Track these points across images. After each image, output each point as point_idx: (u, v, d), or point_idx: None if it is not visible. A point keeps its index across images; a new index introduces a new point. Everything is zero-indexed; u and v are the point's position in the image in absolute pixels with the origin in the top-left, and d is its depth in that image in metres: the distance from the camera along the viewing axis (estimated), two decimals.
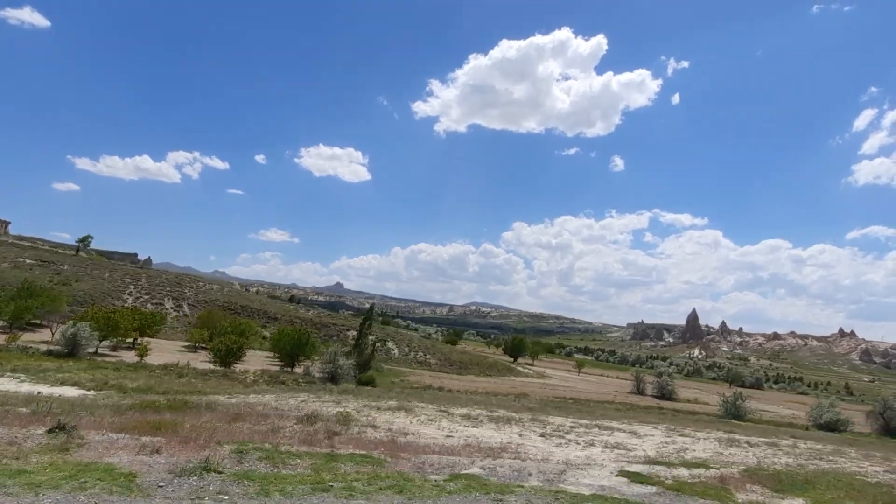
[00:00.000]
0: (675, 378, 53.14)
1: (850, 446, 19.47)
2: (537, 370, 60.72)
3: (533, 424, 15.38)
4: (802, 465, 12.15)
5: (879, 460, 14.45)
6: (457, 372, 49.39)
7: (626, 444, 13.53)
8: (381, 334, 52.41)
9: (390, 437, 11.33)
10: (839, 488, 8.88)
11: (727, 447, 14.22)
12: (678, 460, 11.38)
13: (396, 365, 48.61)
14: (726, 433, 18.06)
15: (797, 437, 21.22)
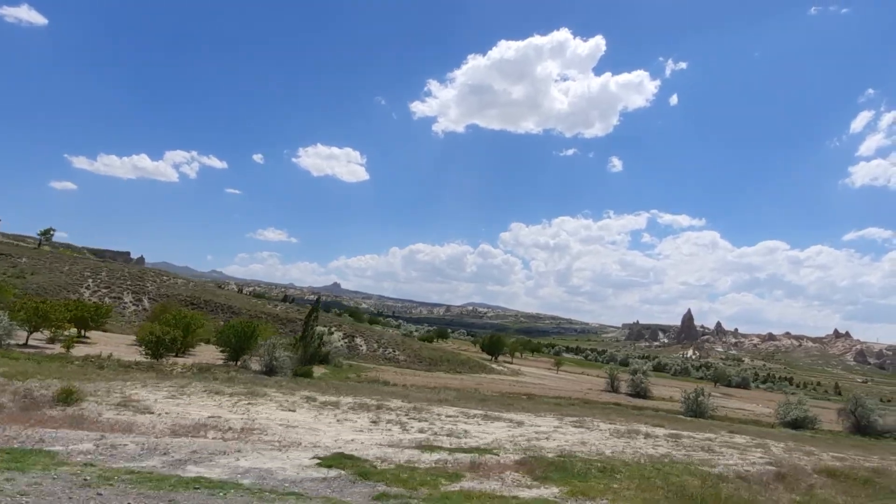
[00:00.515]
0: (653, 376, 52.09)
1: (791, 441, 18.52)
2: (514, 368, 59.70)
3: (383, 412, 14.44)
4: (652, 455, 11.13)
5: (781, 453, 13.52)
6: (425, 369, 48.39)
7: (460, 430, 12.65)
8: (351, 330, 51.38)
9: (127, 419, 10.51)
10: (636, 478, 7.92)
11: (611, 438, 13.34)
12: (475, 446, 10.45)
13: (364, 361, 47.62)
14: (655, 426, 17.07)
15: (737, 432, 20.28)
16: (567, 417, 16.96)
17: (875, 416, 38.53)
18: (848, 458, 15.33)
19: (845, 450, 19.25)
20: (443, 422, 13.63)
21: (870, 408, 39.22)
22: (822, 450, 16.66)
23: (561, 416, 17.16)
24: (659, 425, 17.77)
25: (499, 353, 67.12)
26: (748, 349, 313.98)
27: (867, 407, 39.29)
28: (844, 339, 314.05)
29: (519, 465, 8.47)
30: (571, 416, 17.37)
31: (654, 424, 18.09)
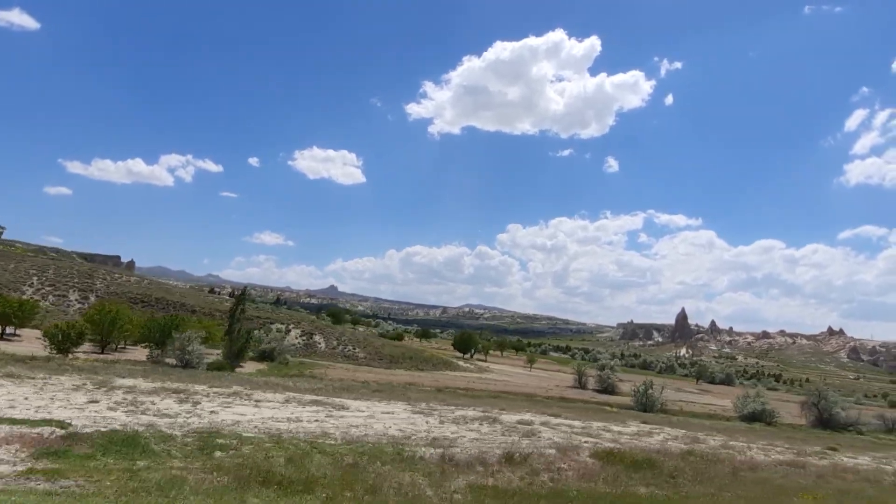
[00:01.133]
0: (634, 373, 50.92)
1: (708, 432, 17.35)
2: (482, 365, 58.50)
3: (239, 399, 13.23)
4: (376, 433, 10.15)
5: (629, 440, 12.40)
6: (384, 366, 47.23)
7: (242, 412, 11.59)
8: (309, 327, 50.14)
9: None
10: (239, 456, 6.87)
11: (443, 424, 12.20)
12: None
13: (320, 358, 46.49)
14: (551, 415, 15.89)
15: (660, 424, 19.12)
16: (440, 406, 15.74)
17: (838, 409, 37.47)
18: (706, 441, 14.20)
19: (759, 439, 18.10)
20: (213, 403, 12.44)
21: (832, 401, 38.17)
22: (724, 438, 15.55)
23: (430, 407, 15.87)
24: (555, 415, 16.55)
25: (470, 351, 65.92)
26: (742, 347, 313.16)
27: (830, 400, 38.23)
28: (838, 336, 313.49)
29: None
30: (446, 406, 16.13)
31: (551, 414, 16.87)
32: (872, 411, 46.89)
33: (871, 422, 41.42)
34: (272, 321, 49.18)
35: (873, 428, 40.60)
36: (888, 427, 40.39)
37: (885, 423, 40.64)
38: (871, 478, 10.57)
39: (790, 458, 11.79)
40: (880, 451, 20.31)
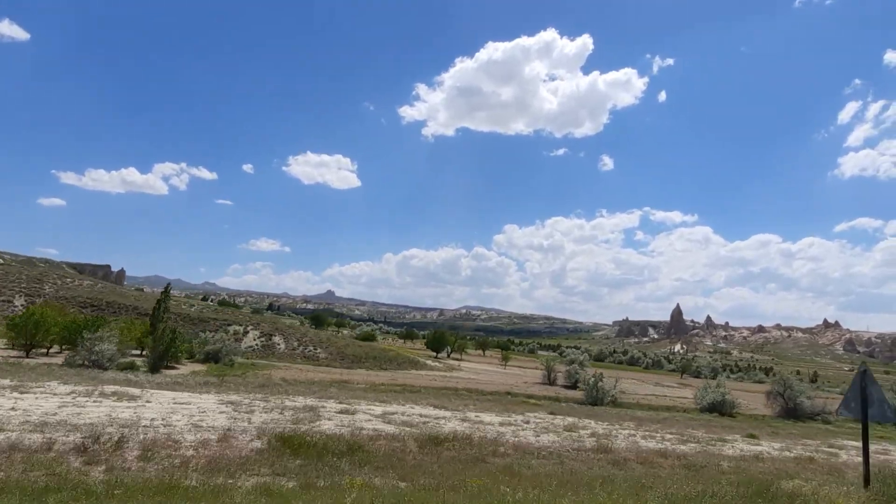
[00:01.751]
0: (612, 369, 49.69)
1: (637, 423, 16.16)
2: (452, 364, 57.29)
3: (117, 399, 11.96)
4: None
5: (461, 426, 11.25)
6: (346, 366, 46.00)
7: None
8: (269, 328, 48.90)
9: None
10: None
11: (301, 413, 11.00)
12: None
13: (279, 359, 45.25)
14: (435, 407, 14.65)
15: (596, 417, 17.95)
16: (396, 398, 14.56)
17: (803, 398, 36.32)
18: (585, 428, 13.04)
19: (686, 429, 16.94)
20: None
21: (798, 390, 37.05)
22: (632, 428, 14.37)
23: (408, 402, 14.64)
24: (453, 408, 15.38)
25: (444, 350, 64.78)
26: (738, 342, 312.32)
27: (795, 389, 37.12)
28: (834, 328, 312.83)
29: None
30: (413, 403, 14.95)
31: (453, 408, 15.73)
32: None
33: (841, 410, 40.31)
34: (230, 322, 47.91)
35: (842, 417, 39.54)
36: None
37: None
38: (691, 464, 9.41)
39: (601, 445, 10.53)
40: (814, 439, 19.16)
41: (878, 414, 8.00)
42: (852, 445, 17.03)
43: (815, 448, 15.50)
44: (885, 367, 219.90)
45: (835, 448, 16.22)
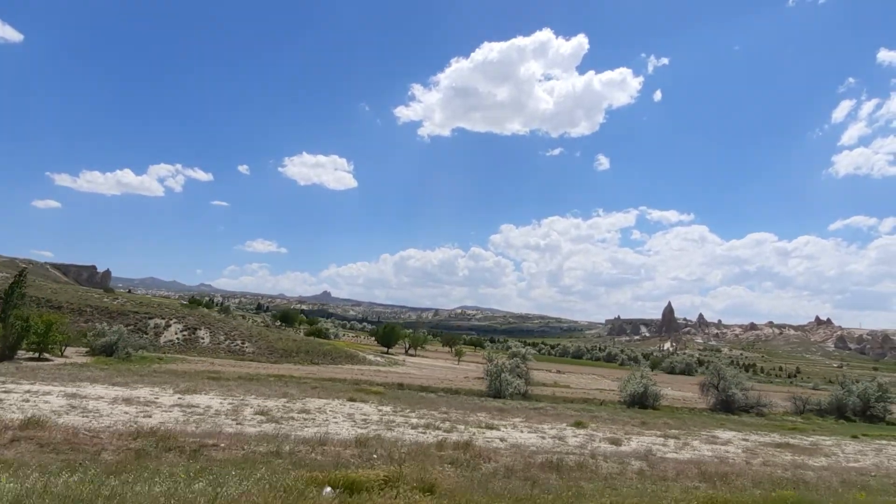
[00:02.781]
0: (529, 359, 47.45)
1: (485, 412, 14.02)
2: (397, 359, 55.22)
3: None
4: None
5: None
6: (273, 360, 43.96)
7: None
8: (195, 322, 46.71)
9: None
10: None
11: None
12: None
13: (201, 354, 43.17)
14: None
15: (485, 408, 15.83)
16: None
17: (735, 389, 34.20)
18: None
19: (472, 415, 14.77)
20: None
21: (730, 381, 34.92)
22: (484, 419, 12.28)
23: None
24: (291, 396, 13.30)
25: (394, 345, 62.76)
26: (730, 340, 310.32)
27: (728, 380, 35.00)
28: (826, 326, 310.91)
29: None
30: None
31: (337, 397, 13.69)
32: (825, 395, 43.39)
33: (777, 403, 38.24)
34: (151, 316, 45.72)
35: (782, 409, 37.45)
36: (798, 409, 37.22)
37: (797, 406, 37.48)
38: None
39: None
40: (678, 429, 17.03)
41: None
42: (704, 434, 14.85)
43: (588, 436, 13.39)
44: (874, 364, 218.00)
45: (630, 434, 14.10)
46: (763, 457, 12.81)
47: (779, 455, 13.35)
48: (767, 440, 16.55)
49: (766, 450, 14.28)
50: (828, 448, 15.75)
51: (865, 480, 9.71)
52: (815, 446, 15.91)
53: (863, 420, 38.09)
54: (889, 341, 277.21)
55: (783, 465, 11.57)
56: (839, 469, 11.50)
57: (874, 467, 12.30)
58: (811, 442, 17.55)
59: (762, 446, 14.90)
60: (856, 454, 14.81)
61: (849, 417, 38.09)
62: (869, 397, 38.01)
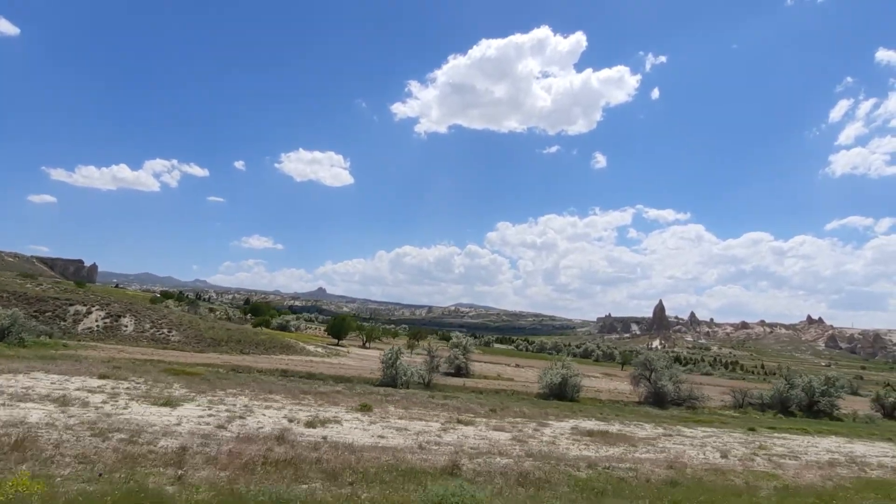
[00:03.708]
0: (471, 352, 45.51)
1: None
2: (342, 351, 53.30)
3: None
4: None
5: None
6: (199, 349, 41.96)
7: None
8: (120, 309, 44.63)
9: None
10: None
11: None
12: None
13: (122, 342, 41.15)
14: None
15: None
16: None
17: (665, 381, 32.24)
18: None
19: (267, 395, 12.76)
20: None
21: (661, 373, 32.96)
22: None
23: None
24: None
25: (344, 337, 60.82)
26: (721, 338, 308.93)
27: (658, 371, 33.05)
28: (817, 325, 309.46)
29: None
30: None
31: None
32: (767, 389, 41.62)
33: (715, 397, 36.36)
34: (73, 302, 43.64)
35: (722, 404, 35.56)
36: (738, 403, 35.32)
37: (736, 400, 35.59)
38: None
39: None
40: (526, 418, 15.05)
41: None
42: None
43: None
44: (863, 363, 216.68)
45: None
46: (525, 444, 10.99)
47: (554, 443, 11.50)
48: (594, 428, 14.65)
49: (556, 438, 12.40)
50: (643, 437, 13.81)
51: (553, 469, 7.92)
52: (628, 436, 13.95)
53: (808, 415, 36.25)
54: (880, 341, 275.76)
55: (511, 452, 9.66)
56: (566, 457, 9.65)
57: (626, 459, 10.36)
58: (646, 434, 15.55)
59: (577, 434, 13.05)
60: (675, 446, 12.88)
61: (792, 412, 36.21)
62: (814, 391, 36.14)
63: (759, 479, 8.77)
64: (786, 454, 13.14)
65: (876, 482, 9.42)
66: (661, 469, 9.12)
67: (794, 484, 8.58)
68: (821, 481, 8.78)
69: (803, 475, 9.54)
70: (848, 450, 15.39)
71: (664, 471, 8.94)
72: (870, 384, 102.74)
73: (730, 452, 12.22)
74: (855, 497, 7.76)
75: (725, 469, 9.82)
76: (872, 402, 40.66)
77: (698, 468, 9.63)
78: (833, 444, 16.37)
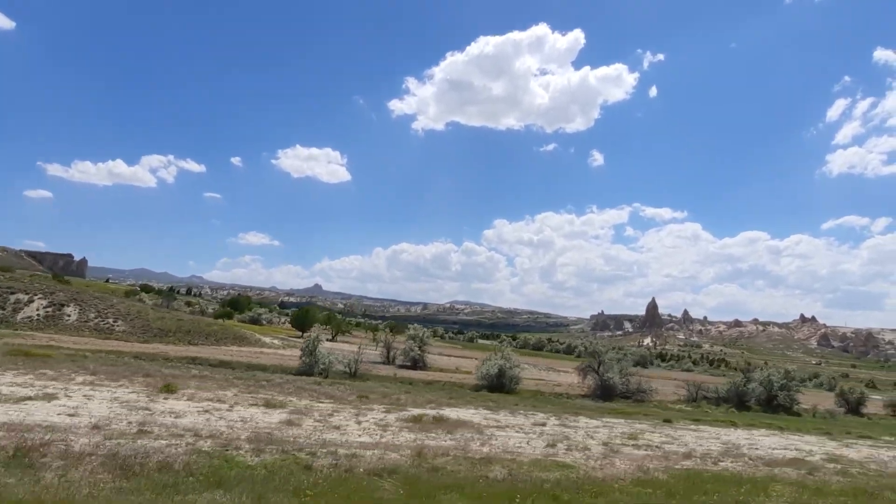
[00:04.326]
0: (428, 343, 44.10)
1: None
2: (301, 343, 51.89)
3: None
4: None
5: None
6: (143, 340, 40.58)
7: None
8: (64, 298, 43.22)
9: None
10: None
11: None
12: None
13: (63, 331, 39.80)
14: None
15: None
16: None
17: (611, 373, 30.94)
18: None
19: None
20: None
21: (608, 365, 31.67)
22: None
23: None
24: None
25: (308, 329, 59.55)
26: (713, 336, 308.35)
27: (606, 364, 31.76)
28: (810, 323, 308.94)
29: None
30: None
31: None
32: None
33: (669, 391, 35.11)
34: (13, 291, 42.21)
35: (676, 398, 34.28)
36: (692, 397, 34.01)
37: (690, 394, 34.27)
38: None
39: None
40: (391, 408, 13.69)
41: None
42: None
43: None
44: (853, 362, 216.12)
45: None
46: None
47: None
48: (436, 415, 13.36)
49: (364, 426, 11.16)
50: (486, 425, 12.51)
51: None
52: (469, 424, 12.64)
53: (766, 410, 35.02)
54: (872, 340, 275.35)
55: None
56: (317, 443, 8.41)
57: (402, 446, 9.06)
58: (516, 422, 14.22)
59: (405, 421, 11.75)
60: (516, 434, 11.59)
61: (750, 406, 34.99)
62: (772, 386, 34.89)
63: (534, 471, 7.40)
64: (656, 445, 11.83)
65: (692, 475, 8.10)
66: (405, 456, 7.79)
67: (577, 476, 7.24)
68: (622, 474, 7.45)
69: (610, 468, 8.20)
70: (749, 443, 14.11)
71: (402, 458, 7.62)
72: (853, 382, 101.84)
73: (578, 444, 10.85)
74: (631, 490, 6.44)
75: (513, 458, 8.46)
76: (837, 397, 39.47)
77: (477, 456, 8.30)
78: (743, 438, 15.06)
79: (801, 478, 9.10)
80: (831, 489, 8.18)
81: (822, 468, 10.41)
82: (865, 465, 11.40)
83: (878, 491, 8.33)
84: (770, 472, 9.46)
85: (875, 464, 11.82)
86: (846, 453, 13.50)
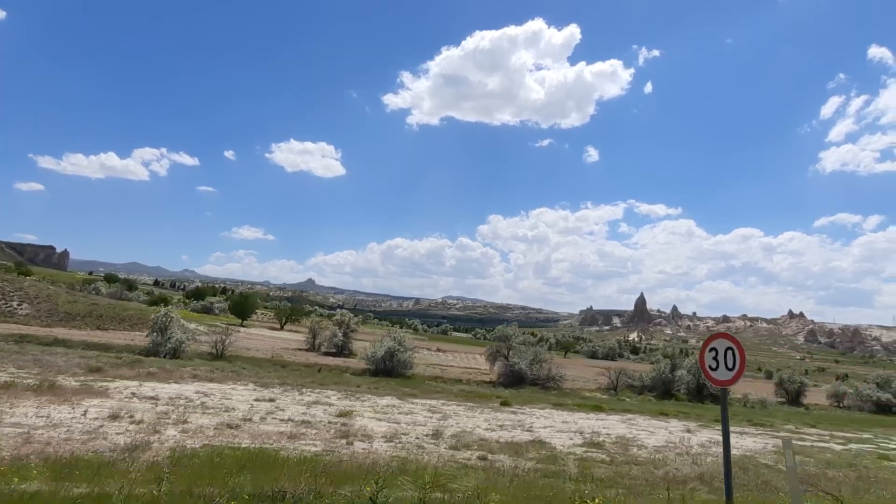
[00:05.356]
0: (354, 330, 41.85)
1: None
2: (232, 330, 49.49)
3: None
4: None
5: None
6: (47, 324, 38.29)
7: None
8: None
9: None
10: None
11: None
12: None
13: None
14: None
15: None
16: None
17: (517, 358, 28.83)
18: None
19: None
20: None
21: (517, 350, 29.54)
22: None
23: None
24: None
25: (249, 316, 57.25)
26: (701, 331, 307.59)
27: (515, 349, 29.63)
28: (798, 319, 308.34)
29: None
30: None
31: None
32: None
33: (590, 378, 33.04)
34: None
35: (596, 386, 32.18)
36: (612, 385, 31.92)
37: (611, 381, 32.19)
38: None
39: None
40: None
41: None
42: None
43: None
44: (836, 357, 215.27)
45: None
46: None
47: None
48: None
49: None
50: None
51: None
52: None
53: (695, 399, 33.00)
54: (859, 336, 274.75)
55: None
56: None
57: None
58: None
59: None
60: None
61: (678, 396, 32.95)
62: (700, 373, 32.83)
63: None
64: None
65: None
66: None
67: None
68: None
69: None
70: (577, 427, 12.01)
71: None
72: (829, 376, 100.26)
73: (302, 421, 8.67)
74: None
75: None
76: (776, 386, 37.49)
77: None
78: (590, 422, 12.97)
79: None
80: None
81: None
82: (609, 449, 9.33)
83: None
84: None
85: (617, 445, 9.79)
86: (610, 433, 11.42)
